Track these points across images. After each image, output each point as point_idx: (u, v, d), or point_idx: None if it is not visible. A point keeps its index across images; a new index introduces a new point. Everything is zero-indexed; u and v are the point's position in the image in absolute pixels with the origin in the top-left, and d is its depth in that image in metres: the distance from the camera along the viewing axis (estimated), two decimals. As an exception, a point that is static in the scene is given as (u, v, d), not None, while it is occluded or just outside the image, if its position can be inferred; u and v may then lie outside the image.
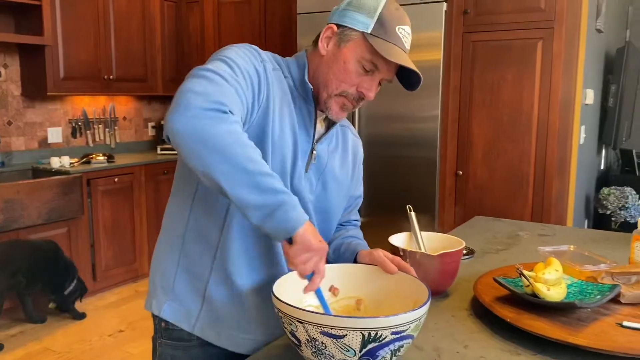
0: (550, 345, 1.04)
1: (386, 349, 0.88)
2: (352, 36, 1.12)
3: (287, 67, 1.18)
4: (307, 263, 0.99)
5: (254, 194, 0.93)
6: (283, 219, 0.94)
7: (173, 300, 1.18)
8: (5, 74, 3.75)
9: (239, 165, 0.92)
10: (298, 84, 1.17)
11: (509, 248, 1.76)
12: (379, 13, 1.11)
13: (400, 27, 1.13)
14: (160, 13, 4.45)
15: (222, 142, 0.92)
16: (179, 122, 0.92)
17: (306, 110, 1.18)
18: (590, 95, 3.29)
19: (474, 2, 3.00)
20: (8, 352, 2.98)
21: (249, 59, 1.08)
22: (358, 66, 1.12)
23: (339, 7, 1.17)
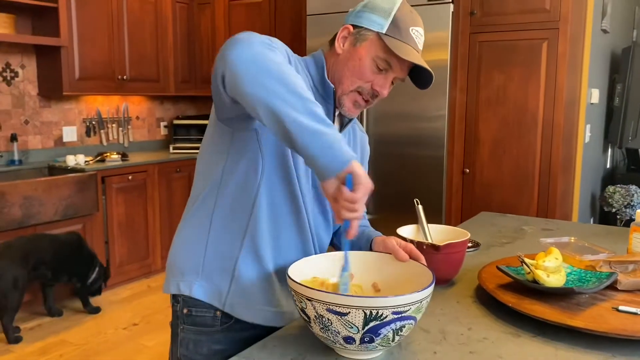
0: (549, 327, 1.10)
1: (387, 328, 0.95)
2: (368, 36, 1.18)
3: (306, 66, 1.23)
4: (362, 207, 0.96)
5: (312, 121, 0.93)
6: (341, 152, 0.93)
7: (203, 279, 1.22)
8: (22, 75, 3.85)
9: (295, 92, 0.94)
10: (317, 83, 1.22)
11: (514, 241, 1.82)
12: (394, 14, 1.17)
13: (414, 29, 1.18)
14: (172, 14, 4.54)
15: (280, 69, 0.96)
16: (237, 50, 0.96)
17: (325, 109, 1.19)
18: (595, 94, 3.34)
19: (480, 4, 3.06)
20: (26, 344, 3.07)
21: (282, 45, 1.13)
22: (372, 64, 1.18)
23: (355, 9, 1.22)
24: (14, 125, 3.83)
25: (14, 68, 3.80)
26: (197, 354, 1.25)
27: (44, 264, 3.17)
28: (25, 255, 3.09)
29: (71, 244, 3.35)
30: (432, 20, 3.13)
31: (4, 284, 2.98)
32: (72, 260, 3.32)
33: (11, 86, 3.79)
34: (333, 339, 0.97)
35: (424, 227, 1.42)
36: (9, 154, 3.76)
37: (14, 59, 3.80)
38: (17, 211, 3.21)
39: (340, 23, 1.24)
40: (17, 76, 3.82)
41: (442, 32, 3.13)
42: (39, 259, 3.15)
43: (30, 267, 3.10)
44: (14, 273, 3.01)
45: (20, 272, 3.04)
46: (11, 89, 3.80)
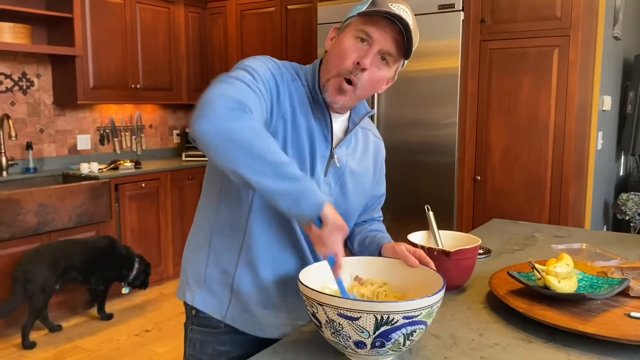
0: (560, 334, 1.10)
1: (398, 333, 0.95)
2: (349, 21, 1.19)
3: (305, 75, 1.24)
4: (336, 243, 1.05)
5: (280, 183, 0.99)
6: (309, 203, 1.00)
7: (205, 291, 1.26)
8: (38, 84, 3.91)
9: (262, 157, 0.98)
10: (311, 90, 1.22)
11: (525, 248, 1.82)
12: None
13: (394, 4, 1.13)
14: (184, 24, 4.59)
15: (244, 137, 0.98)
16: (203, 124, 0.98)
17: (322, 117, 1.22)
18: (607, 101, 3.32)
19: (491, 11, 3.07)
20: (40, 351, 3.10)
21: (268, 69, 1.15)
22: (353, 40, 1.15)
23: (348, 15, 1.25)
24: (30, 134, 3.88)
25: (29, 77, 3.86)
26: (202, 354, 1.28)
27: (74, 269, 3.28)
28: (55, 260, 3.19)
29: (102, 248, 3.44)
30: (442, 28, 3.15)
31: (31, 288, 3.08)
32: (103, 264, 3.42)
33: (27, 95, 3.86)
34: (344, 343, 0.98)
35: (435, 233, 1.43)
36: (25, 162, 3.81)
37: (30, 68, 3.86)
38: (32, 218, 3.26)
39: None
40: (32, 85, 3.88)
41: (453, 40, 3.14)
42: (68, 264, 3.25)
43: (59, 272, 3.20)
44: (42, 277, 3.11)
45: (48, 277, 3.13)
46: (27, 98, 3.86)
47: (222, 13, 4.68)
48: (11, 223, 3.16)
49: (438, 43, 3.17)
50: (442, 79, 3.18)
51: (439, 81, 3.19)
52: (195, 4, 4.67)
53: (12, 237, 3.19)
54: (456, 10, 3.11)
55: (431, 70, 3.20)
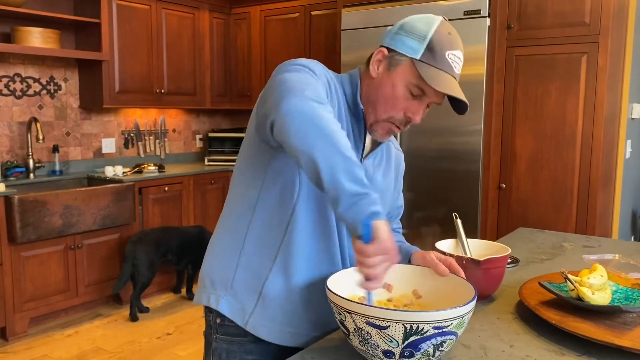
0: (594, 347, 1.07)
1: (428, 343, 0.94)
2: (401, 61, 1.15)
3: (341, 84, 1.24)
4: (379, 267, 0.96)
5: (349, 181, 0.95)
6: (365, 209, 0.95)
7: (231, 295, 1.24)
8: (65, 88, 3.98)
9: (340, 151, 0.96)
10: (350, 102, 1.22)
11: (554, 258, 1.79)
12: (429, 39, 1.13)
13: (451, 53, 1.14)
14: (209, 29, 4.63)
15: (328, 127, 0.97)
16: (294, 101, 0.98)
17: (357, 128, 1.23)
18: (637, 109, 3.26)
19: (518, 17, 3.03)
20: (62, 351, 3.14)
21: (323, 72, 1.16)
22: (406, 91, 1.16)
23: (393, 29, 1.20)
24: (56, 137, 3.95)
25: (57, 81, 3.92)
26: None
27: (170, 251, 3.75)
28: (157, 243, 3.66)
29: (194, 235, 3.87)
30: (468, 34, 3.12)
31: (141, 263, 3.55)
32: (193, 249, 3.83)
33: (54, 99, 3.92)
34: (372, 352, 0.97)
35: (463, 241, 1.41)
36: (51, 165, 3.87)
37: (58, 72, 3.93)
38: (57, 220, 3.30)
39: (374, 38, 1.26)
40: (60, 89, 3.95)
41: (479, 46, 3.11)
42: (167, 247, 3.72)
43: (160, 254, 3.67)
44: (149, 256, 3.59)
45: (153, 256, 3.61)
46: (54, 101, 3.92)
47: (246, 19, 4.71)
48: (37, 224, 3.21)
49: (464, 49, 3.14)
50: (468, 86, 3.14)
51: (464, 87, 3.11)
52: (220, 9, 4.71)
53: (38, 239, 3.24)
54: (482, 16, 3.09)
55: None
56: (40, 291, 3.33)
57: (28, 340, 3.26)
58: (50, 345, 3.21)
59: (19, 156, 3.74)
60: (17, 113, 3.73)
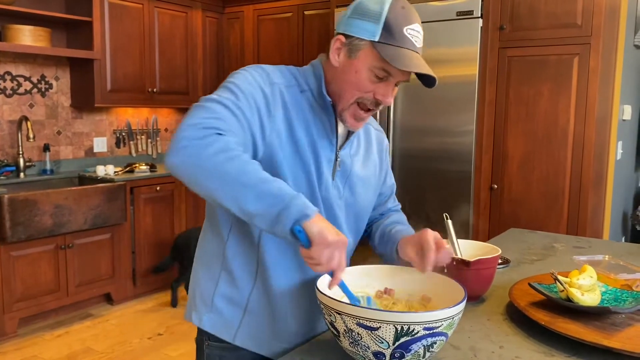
0: (583, 348, 1.07)
1: (419, 344, 0.94)
2: (361, 46, 1.12)
3: (304, 79, 1.20)
4: (332, 260, 0.99)
5: (257, 203, 0.96)
6: (288, 219, 0.96)
7: (212, 312, 1.23)
8: (56, 86, 3.95)
9: (233, 181, 0.97)
10: (317, 95, 1.19)
11: (544, 259, 1.79)
12: (385, 18, 1.09)
13: (409, 28, 1.10)
14: (202, 28, 4.61)
15: (214, 164, 0.97)
16: (173, 158, 0.99)
17: (327, 121, 1.19)
18: (628, 111, 3.27)
19: (510, 18, 3.04)
20: (52, 352, 3.11)
21: (256, 82, 1.12)
22: (371, 74, 1.12)
23: (345, 15, 1.16)
24: (47, 136, 3.92)
25: (48, 80, 3.90)
26: None
27: None
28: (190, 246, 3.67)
29: None
30: (461, 35, 3.12)
31: (188, 255, 3.62)
32: None
33: (45, 97, 3.89)
34: (363, 353, 0.97)
35: (454, 242, 1.40)
36: (42, 164, 3.84)
37: (49, 71, 3.90)
38: (48, 220, 3.28)
39: None
40: (51, 88, 3.92)
41: (471, 47, 3.11)
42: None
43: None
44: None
45: None
46: (45, 100, 3.89)
47: (239, 18, 4.69)
48: (28, 224, 3.19)
49: (456, 50, 3.15)
50: (460, 86, 3.16)
51: (456, 88, 3.17)
52: (213, 9, 4.69)
53: (28, 238, 3.21)
54: (475, 17, 3.09)
55: (449, 77, 3.18)
56: (30, 291, 3.31)
57: (18, 340, 3.24)
58: (40, 345, 3.19)
59: (9, 155, 3.71)
60: (8, 112, 3.70)
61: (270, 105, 1.12)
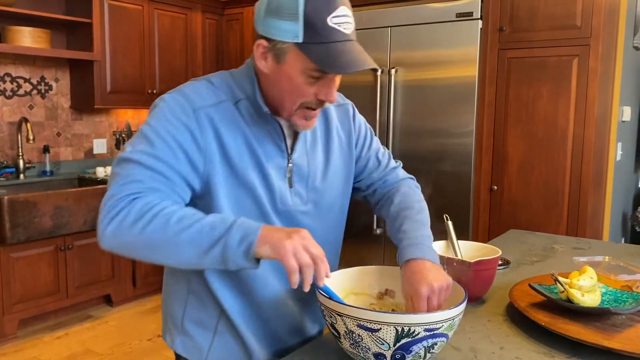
0: (584, 348, 1.08)
1: (419, 345, 0.94)
2: (286, 49, 1.00)
3: (239, 85, 1.12)
4: (304, 259, 0.92)
5: (191, 254, 0.95)
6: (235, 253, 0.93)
7: (183, 335, 1.21)
8: (56, 88, 3.95)
9: (161, 243, 0.96)
10: (253, 104, 1.11)
11: (544, 260, 1.79)
12: (302, 13, 0.97)
13: (333, 16, 0.97)
14: (201, 30, 4.62)
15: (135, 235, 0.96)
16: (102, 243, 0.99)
17: (271, 127, 1.11)
18: (627, 112, 3.28)
19: (510, 20, 3.04)
20: (52, 353, 3.11)
21: (175, 118, 1.04)
22: (305, 77, 1.02)
23: (259, 13, 1.03)
24: (47, 137, 3.92)
25: (48, 81, 3.90)
26: None
27: None
28: None
29: None
30: (460, 36, 3.13)
31: None
32: None
33: (45, 99, 3.89)
34: (363, 355, 0.97)
35: (454, 243, 1.41)
36: (41, 165, 3.84)
37: (49, 72, 3.90)
38: (47, 221, 3.28)
39: (367, 40, 1.22)
40: (51, 89, 3.92)
41: (471, 48, 3.12)
42: None
43: None
44: None
45: None
46: (45, 101, 3.89)
47: (238, 20, 4.70)
48: (27, 225, 3.18)
49: (456, 51, 3.15)
50: (460, 87, 3.16)
51: (456, 89, 3.17)
52: (213, 10, 4.69)
53: (28, 240, 3.21)
54: (474, 18, 3.09)
55: (448, 78, 3.18)
56: (30, 293, 3.30)
57: (17, 342, 3.23)
58: (40, 347, 3.19)
59: (9, 156, 3.71)
60: (7, 113, 3.70)
61: (196, 137, 1.04)
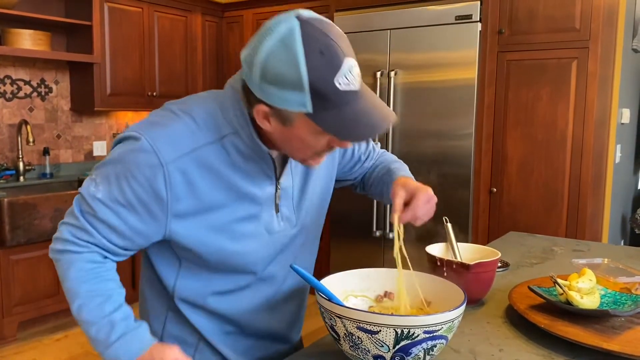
0: (583, 351, 1.08)
1: (419, 347, 0.94)
2: (293, 116, 0.90)
3: (228, 120, 1.00)
4: None
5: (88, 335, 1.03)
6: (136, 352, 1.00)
7: None
8: (56, 90, 3.96)
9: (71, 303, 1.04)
10: (247, 140, 1.00)
11: (544, 262, 1.79)
12: (308, 82, 0.85)
13: (340, 76, 0.86)
14: (201, 32, 4.62)
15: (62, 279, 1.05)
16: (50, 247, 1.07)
17: (261, 160, 1.03)
18: (626, 114, 3.29)
19: (509, 22, 3.05)
20: (51, 356, 3.11)
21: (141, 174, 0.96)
22: (318, 136, 0.94)
23: (253, 78, 0.90)
24: (47, 139, 3.92)
25: (48, 84, 3.90)
26: None
27: None
28: None
29: None
30: (460, 39, 3.14)
31: None
32: None
33: (45, 101, 3.90)
34: (363, 357, 0.97)
35: (454, 245, 1.41)
36: (41, 167, 3.85)
37: (49, 75, 3.91)
38: (47, 223, 3.28)
39: (366, 43, 1.22)
40: (51, 92, 3.92)
41: (470, 51, 3.12)
42: None
43: None
44: None
45: None
46: (45, 104, 3.90)
47: (238, 22, 4.70)
48: (27, 228, 3.19)
49: (455, 54, 3.16)
50: (459, 90, 3.17)
51: (455, 92, 3.18)
52: (212, 13, 4.70)
53: (28, 242, 3.21)
54: (474, 21, 3.10)
55: (448, 80, 3.19)
56: (29, 295, 3.30)
57: (17, 344, 3.23)
58: (40, 349, 3.19)
59: (8, 159, 3.71)
60: (7, 115, 3.70)
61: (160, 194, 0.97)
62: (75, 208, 1.03)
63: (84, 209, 1.02)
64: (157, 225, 1.01)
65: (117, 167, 0.99)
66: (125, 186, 0.98)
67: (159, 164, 0.96)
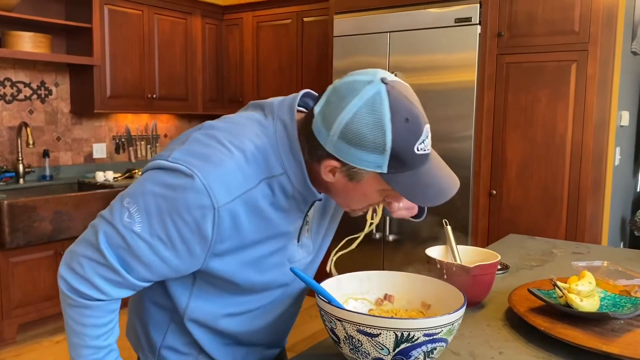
0: (583, 353, 1.08)
1: (419, 350, 0.94)
2: (364, 174, 0.93)
3: (280, 161, 0.97)
4: None
5: None
6: None
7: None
8: (56, 92, 3.96)
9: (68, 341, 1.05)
10: (298, 185, 0.99)
11: (543, 264, 1.79)
12: (390, 146, 0.88)
13: (419, 143, 0.90)
14: (201, 35, 4.63)
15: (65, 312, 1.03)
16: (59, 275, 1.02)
17: (303, 202, 1.03)
18: (625, 117, 3.29)
19: (508, 25, 3.06)
20: (52, 357, 3.11)
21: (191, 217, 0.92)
22: (381, 194, 0.98)
23: (329, 135, 0.90)
24: (47, 142, 3.93)
25: (48, 86, 3.91)
26: None
27: None
28: None
29: None
30: (459, 42, 3.14)
31: None
32: None
33: (45, 104, 3.90)
34: None
35: (453, 248, 1.41)
36: (41, 170, 3.85)
37: (49, 77, 3.91)
38: (47, 225, 3.28)
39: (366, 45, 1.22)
40: (50, 94, 3.93)
41: (470, 53, 3.13)
42: None
43: None
44: None
45: None
46: (45, 106, 3.90)
47: (238, 25, 4.71)
48: (27, 230, 3.19)
49: (454, 56, 3.16)
50: (458, 93, 3.17)
51: (454, 94, 3.18)
52: (212, 15, 4.71)
53: (27, 244, 3.21)
54: (473, 23, 3.11)
55: (447, 83, 3.19)
56: (29, 297, 3.30)
57: (17, 347, 3.23)
58: (40, 351, 3.19)
59: (8, 161, 3.72)
60: (7, 118, 3.70)
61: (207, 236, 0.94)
62: (99, 238, 0.95)
63: (113, 241, 0.94)
64: (192, 262, 0.97)
65: (160, 200, 0.92)
66: (169, 223, 0.92)
67: (210, 207, 0.92)
